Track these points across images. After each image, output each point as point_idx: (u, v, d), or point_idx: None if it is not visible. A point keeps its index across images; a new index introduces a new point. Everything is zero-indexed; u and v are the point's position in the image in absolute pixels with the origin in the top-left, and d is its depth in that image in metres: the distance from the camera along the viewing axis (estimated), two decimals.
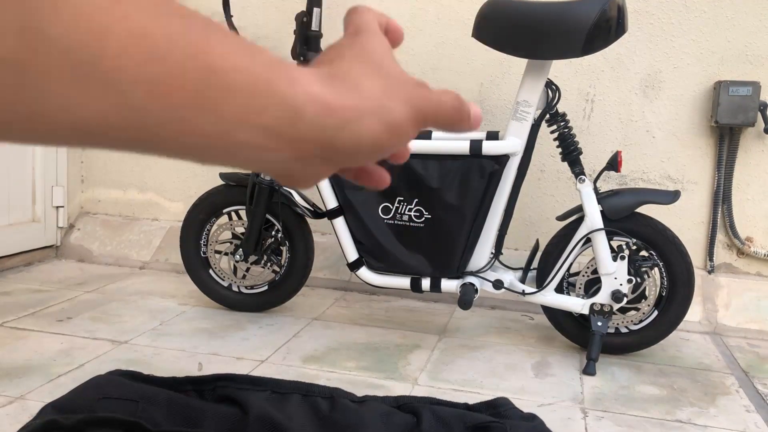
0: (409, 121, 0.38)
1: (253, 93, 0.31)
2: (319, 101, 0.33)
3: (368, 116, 0.35)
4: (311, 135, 0.34)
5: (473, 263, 1.94)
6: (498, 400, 0.58)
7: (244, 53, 0.31)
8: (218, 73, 0.30)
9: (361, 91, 0.36)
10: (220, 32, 0.31)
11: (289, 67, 0.33)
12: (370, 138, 0.36)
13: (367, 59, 0.38)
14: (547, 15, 1.75)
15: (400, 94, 0.37)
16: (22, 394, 1.54)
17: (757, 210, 2.38)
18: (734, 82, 2.26)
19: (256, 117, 0.31)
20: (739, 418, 1.62)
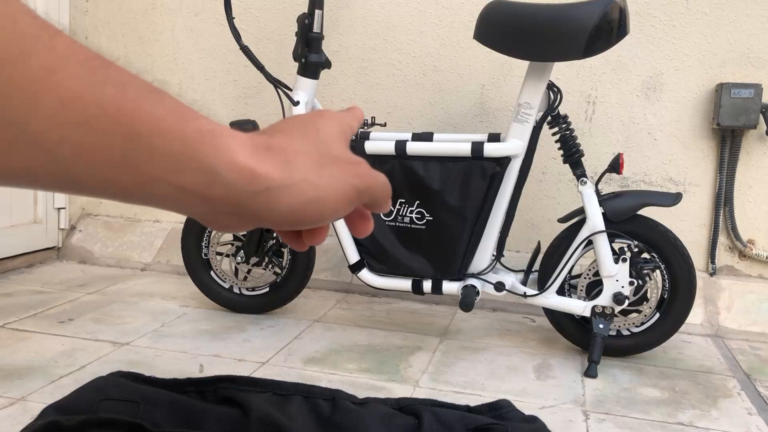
0: (339, 197, 0.39)
1: (175, 157, 0.33)
2: (240, 168, 0.35)
3: (290, 188, 0.37)
4: (227, 197, 0.36)
5: (475, 265, 1.94)
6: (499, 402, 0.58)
7: (174, 119, 0.34)
8: (143, 138, 0.32)
9: (290, 165, 0.38)
10: (155, 97, 0.34)
11: (220, 134, 0.35)
12: (287, 208, 0.38)
13: (311, 136, 0.40)
14: (548, 17, 1.75)
15: (335, 173, 0.39)
16: (24, 395, 1.54)
17: (759, 212, 2.38)
18: (736, 84, 2.26)
19: (174, 178, 0.34)
20: (740, 420, 1.62)
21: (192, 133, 0.34)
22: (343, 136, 0.43)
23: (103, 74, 0.32)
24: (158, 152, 0.33)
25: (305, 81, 2.03)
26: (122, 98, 0.32)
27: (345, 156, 0.41)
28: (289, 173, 0.38)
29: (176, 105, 0.35)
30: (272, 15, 2.68)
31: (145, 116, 0.32)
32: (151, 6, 2.81)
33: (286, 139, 0.39)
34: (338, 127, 0.43)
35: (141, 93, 0.33)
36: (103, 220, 2.94)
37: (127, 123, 0.32)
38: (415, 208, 1.92)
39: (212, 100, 2.78)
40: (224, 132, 0.36)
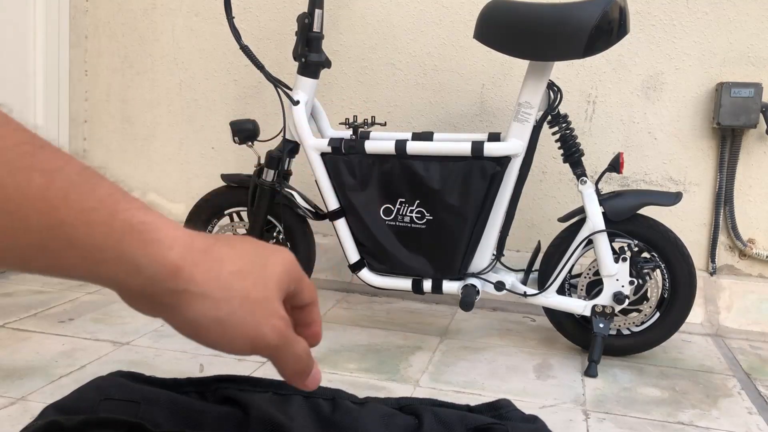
0: (246, 336, 0.38)
1: (97, 247, 0.33)
2: (165, 263, 0.35)
3: (206, 300, 0.36)
4: (143, 288, 0.35)
5: (475, 265, 1.94)
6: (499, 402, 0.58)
7: (104, 210, 0.33)
8: (66, 227, 0.32)
9: (218, 279, 0.37)
10: (86, 186, 0.33)
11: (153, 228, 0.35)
12: (193, 317, 0.37)
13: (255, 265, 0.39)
14: (548, 16, 1.75)
15: (257, 313, 0.38)
16: (24, 395, 1.54)
17: (760, 211, 2.37)
18: (736, 84, 2.26)
19: (94, 267, 0.34)
20: (741, 420, 1.62)
21: (120, 225, 0.34)
22: (284, 287, 0.41)
23: (31, 161, 0.31)
24: (80, 242, 0.32)
25: (305, 80, 2.03)
26: (49, 187, 0.31)
27: (273, 305, 0.40)
28: (215, 286, 0.37)
29: (111, 193, 0.34)
30: (272, 15, 2.67)
31: (71, 206, 0.32)
32: (152, 6, 2.81)
33: (229, 254, 0.39)
34: (286, 276, 0.41)
35: (72, 181, 0.32)
36: None
37: (51, 212, 0.31)
38: (415, 208, 1.92)
39: (212, 100, 2.78)
40: (159, 225, 0.35)
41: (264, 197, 2.07)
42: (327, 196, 1.99)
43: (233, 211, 2.19)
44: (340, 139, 1.95)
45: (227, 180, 2.15)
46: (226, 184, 2.15)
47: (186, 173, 2.87)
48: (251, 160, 2.16)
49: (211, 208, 2.18)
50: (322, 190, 1.99)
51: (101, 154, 2.95)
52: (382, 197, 1.94)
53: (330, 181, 1.97)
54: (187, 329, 0.38)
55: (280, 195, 2.07)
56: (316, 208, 2.11)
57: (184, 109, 2.82)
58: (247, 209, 2.12)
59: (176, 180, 2.88)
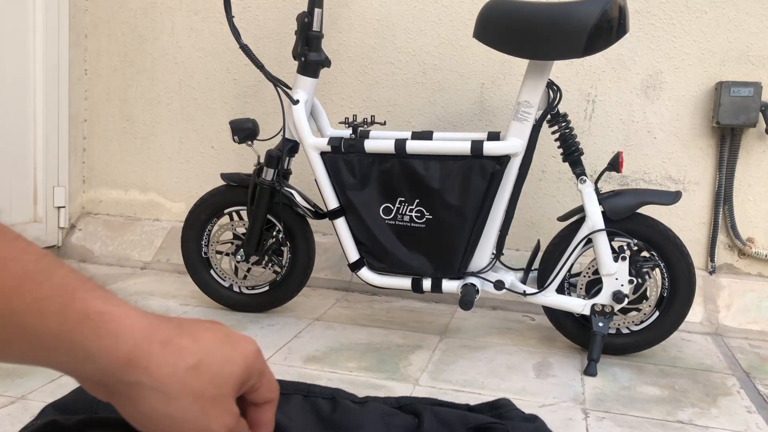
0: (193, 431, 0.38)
1: (50, 336, 0.33)
2: (117, 356, 0.34)
3: (159, 394, 0.36)
4: (95, 376, 0.35)
5: (474, 264, 1.94)
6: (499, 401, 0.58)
7: (59, 299, 0.33)
8: (18, 316, 0.31)
9: (175, 374, 0.36)
10: (42, 275, 0.33)
11: (109, 318, 0.34)
12: (145, 410, 0.36)
13: (215, 360, 0.39)
14: (548, 15, 1.75)
15: (209, 410, 0.38)
16: (24, 394, 1.54)
17: (759, 210, 2.38)
18: (735, 83, 2.26)
19: (46, 354, 0.33)
20: (740, 418, 1.62)
21: (74, 314, 0.33)
22: (241, 383, 0.41)
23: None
24: (31, 331, 0.32)
25: (305, 80, 2.03)
26: (2, 275, 0.31)
27: (226, 402, 0.39)
28: (170, 381, 0.36)
29: (67, 281, 0.34)
30: (272, 14, 2.67)
31: (25, 295, 0.31)
32: (151, 5, 2.81)
33: (190, 348, 0.38)
34: (245, 372, 0.41)
35: (26, 270, 0.32)
36: (103, 218, 2.94)
37: (3, 302, 0.31)
38: (414, 207, 1.92)
39: (212, 99, 2.78)
40: (116, 315, 0.35)
41: (264, 196, 2.07)
42: (326, 195, 1.99)
43: (233, 210, 2.19)
44: (340, 138, 1.95)
45: (227, 179, 2.15)
46: (226, 183, 2.15)
47: (186, 172, 2.87)
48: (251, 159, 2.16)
49: (211, 207, 2.18)
50: (322, 189, 1.99)
51: (101, 153, 2.95)
52: (382, 196, 1.94)
53: (330, 180, 1.97)
54: (137, 420, 0.37)
55: (280, 194, 2.07)
56: (316, 207, 2.11)
57: (184, 108, 2.82)
58: (247, 208, 2.12)
59: (176, 179, 2.88)
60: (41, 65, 2.68)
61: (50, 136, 2.75)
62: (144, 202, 2.93)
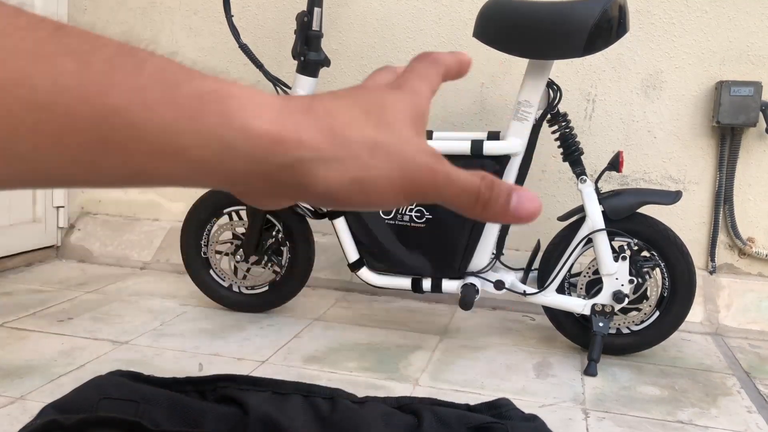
0: (393, 186, 0.33)
1: (170, 132, 0.27)
2: (258, 135, 0.29)
3: (330, 162, 0.31)
4: (249, 171, 0.30)
5: (474, 264, 1.94)
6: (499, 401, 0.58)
7: (161, 86, 0.28)
8: (122, 115, 0.26)
9: (334, 134, 0.31)
10: (131, 62, 0.27)
11: (228, 95, 0.29)
12: (325, 187, 0.31)
13: (374, 110, 0.33)
14: (548, 15, 1.75)
15: (394, 156, 0.32)
16: (23, 394, 1.54)
17: (759, 210, 2.37)
18: (736, 82, 2.26)
19: (174, 156, 0.28)
20: (740, 418, 1.62)
21: (187, 99, 0.28)
22: (417, 121, 0.35)
23: (57, 44, 0.26)
24: (145, 128, 0.27)
25: (304, 79, 2.03)
26: (85, 70, 0.26)
27: (413, 141, 0.33)
28: (331, 143, 0.31)
29: (163, 68, 0.29)
30: (271, 13, 2.67)
31: (120, 88, 0.26)
32: (150, 4, 2.81)
33: (337, 105, 0.33)
34: (413, 108, 0.35)
35: (111, 60, 0.27)
36: (102, 218, 2.94)
37: (97, 99, 0.26)
38: (414, 207, 1.92)
39: None
40: (235, 92, 0.29)
41: None
42: None
43: (232, 210, 2.18)
44: None
45: None
46: None
47: None
48: None
49: (210, 207, 2.18)
50: None
51: None
52: None
53: None
54: (324, 201, 0.32)
55: None
56: (316, 207, 2.11)
57: None
58: (246, 208, 2.12)
59: None
60: None
61: None
62: (143, 202, 2.92)
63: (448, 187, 0.34)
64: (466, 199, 0.34)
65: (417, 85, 0.37)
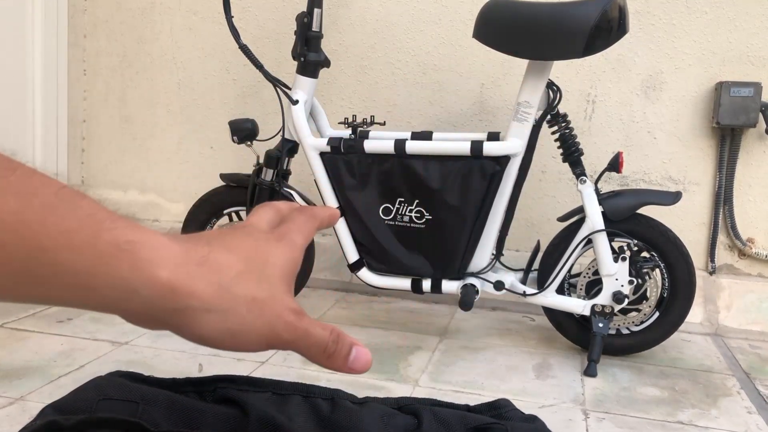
0: (260, 337, 0.37)
1: (85, 272, 0.31)
2: (159, 285, 0.33)
3: (213, 314, 0.35)
4: (144, 311, 0.34)
5: (474, 264, 1.94)
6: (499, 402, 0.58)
7: (87, 231, 0.31)
8: (48, 253, 0.30)
9: (222, 288, 0.36)
10: (66, 206, 0.31)
11: (140, 246, 0.33)
12: (206, 333, 0.36)
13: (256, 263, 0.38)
14: (548, 15, 1.75)
15: (266, 313, 0.37)
16: (23, 395, 1.54)
17: (759, 211, 2.37)
18: (735, 83, 2.26)
19: (85, 293, 0.32)
20: (740, 419, 1.62)
21: (106, 246, 0.32)
22: (291, 274, 0.40)
23: (5, 183, 0.29)
24: (65, 268, 0.31)
25: (304, 80, 2.03)
26: (25, 210, 0.30)
27: (282, 301, 0.38)
28: (217, 296, 0.36)
29: (92, 213, 0.32)
30: (271, 14, 2.67)
31: (51, 229, 0.30)
32: (150, 5, 2.81)
33: (227, 260, 0.37)
34: (289, 262, 0.40)
35: (49, 202, 0.31)
36: None
37: (30, 237, 0.29)
38: (414, 207, 1.92)
39: (211, 100, 2.78)
40: (147, 242, 0.34)
41: (263, 197, 2.07)
42: (326, 195, 1.98)
43: (232, 211, 2.18)
44: (340, 139, 1.95)
45: (226, 179, 2.15)
46: (225, 183, 2.15)
47: (185, 173, 2.87)
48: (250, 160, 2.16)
49: (210, 208, 2.18)
50: (321, 189, 1.99)
51: (100, 154, 2.94)
52: (382, 197, 1.93)
53: (329, 181, 1.97)
54: (200, 342, 0.37)
55: (279, 194, 2.06)
56: None
57: (183, 109, 2.82)
58: (246, 209, 2.12)
59: (175, 179, 2.88)
60: (40, 65, 2.68)
61: (49, 137, 2.75)
62: (143, 202, 2.92)
63: (304, 340, 0.39)
64: (316, 350, 0.39)
65: (296, 238, 0.42)
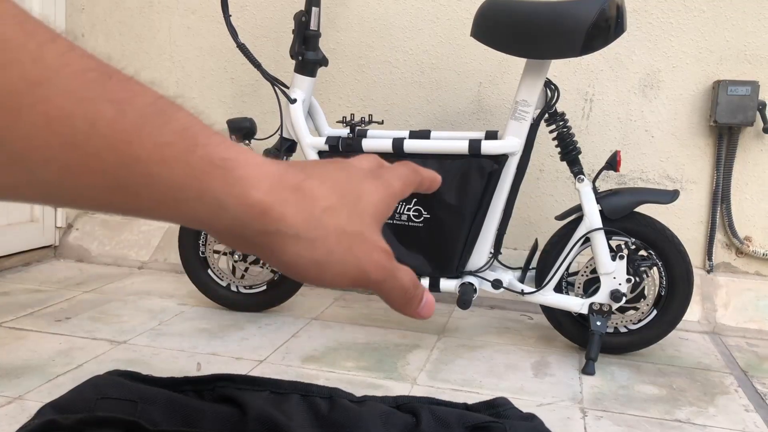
0: (345, 273, 0.37)
1: (177, 186, 0.31)
2: (251, 204, 0.33)
3: (302, 241, 0.35)
4: (231, 228, 0.33)
5: (472, 263, 1.94)
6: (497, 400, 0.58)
7: (182, 145, 0.31)
8: (141, 164, 0.29)
9: (313, 217, 0.35)
10: (161, 118, 0.30)
11: (235, 165, 0.32)
12: (290, 260, 0.35)
13: (349, 199, 0.37)
14: (546, 14, 1.75)
15: (355, 249, 0.36)
16: (21, 394, 1.54)
17: (756, 209, 2.38)
18: (733, 82, 2.26)
19: (175, 206, 0.31)
20: (738, 417, 1.62)
21: (199, 162, 0.31)
22: (383, 215, 0.39)
23: (101, 89, 0.28)
24: (157, 181, 0.30)
25: (302, 79, 2.03)
26: (120, 119, 0.28)
27: (372, 238, 0.37)
28: (308, 226, 0.35)
29: (187, 126, 0.31)
30: (269, 13, 2.67)
31: (145, 140, 0.29)
32: (148, 4, 2.81)
33: (322, 189, 0.36)
34: (383, 202, 0.39)
35: (145, 112, 0.30)
36: (100, 218, 2.94)
37: (124, 148, 0.28)
38: (412, 206, 1.92)
39: (209, 98, 2.78)
40: (241, 161, 0.33)
41: None
42: None
43: None
44: (338, 138, 1.95)
45: None
46: None
47: None
48: None
49: None
50: None
51: None
52: None
53: None
54: (283, 269, 0.36)
55: None
56: None
57: None
58: None
59: None
60: None
61: None
62: None
63: (390, 282, 0.38)
64: (399, 294, 0.39)
65: (393, 182, 0.41)
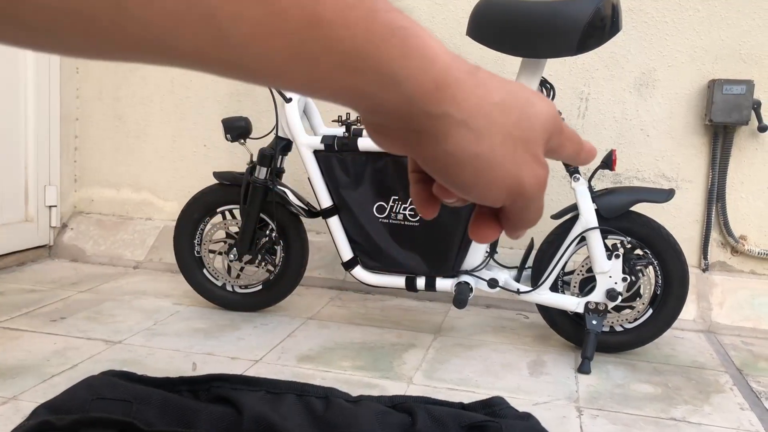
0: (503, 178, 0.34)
1: (354, 53, 0.29)
2: (426, 79, 0.31)
3: (467, 131, 0.33)
4: (397, 109, 0.31)
5: (468, 262, 1.94)
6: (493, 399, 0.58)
7: (363, 9, 0.29)
8: (324, 26, 0.28)
9: (482, 109, 0.33)
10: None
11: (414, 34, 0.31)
12: (450, 149, 0.33)
13: (520, 108, 0.34)
14: (541, 13, 1.75)
15: (517, 156, 0.34)
16: (16, 394, 1.54)
17: (751, 208, 2.38)
18: (728, 81, 2.26)
19: (349, 76, 0.30)
20: (733, 416, 1.62)
21: (380, 27, 0.29)
22: (548, 135, 0.36)
23: None
24: (338, 46, 0.29)
25: None
26: None
27: (537, 149, 0.35)
28: (478, 114, 0.32)
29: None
30: None
31: (327, 1, 0.28)
32: None
33: (494, 83, 0.34)
34: (554, 119, 0.37)
35: None
36: (95, 218, 2.93)
37: (309, 7, 0.27)
38: (408, 205, 1.92)
39: (205, 97, 2.77)
40: (420, 32, 0.31)
41: (256, 195, 2.07)
42: (320, 193, 1.98)
43: (225, 209, 2.18)
44: (333, 137, 1.95)
45: (219, 178, 2.14)
46: (219, 181, 2.14)
47: (178, 171, 2.86)
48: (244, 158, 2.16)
49: (203, 206, 2.17)
50: (315, 187, 1.99)
51: (93, 152, 2.93)
52: (376, 195, 1.93)
53: (323, 179, 1.97)
54: (438, 163, 0.34)
55: (273, 193, 2.06)
56: (309, 206, 2.10)
57: (176, 107, 2.81)
58: (240, 207, 2.11)
59: (168, 177, 2.87)
60: (32, 63, 2.67)
61: (41, 135, 2.74)
62: (136, 201, 2.91)
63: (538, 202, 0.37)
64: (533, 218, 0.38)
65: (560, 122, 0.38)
